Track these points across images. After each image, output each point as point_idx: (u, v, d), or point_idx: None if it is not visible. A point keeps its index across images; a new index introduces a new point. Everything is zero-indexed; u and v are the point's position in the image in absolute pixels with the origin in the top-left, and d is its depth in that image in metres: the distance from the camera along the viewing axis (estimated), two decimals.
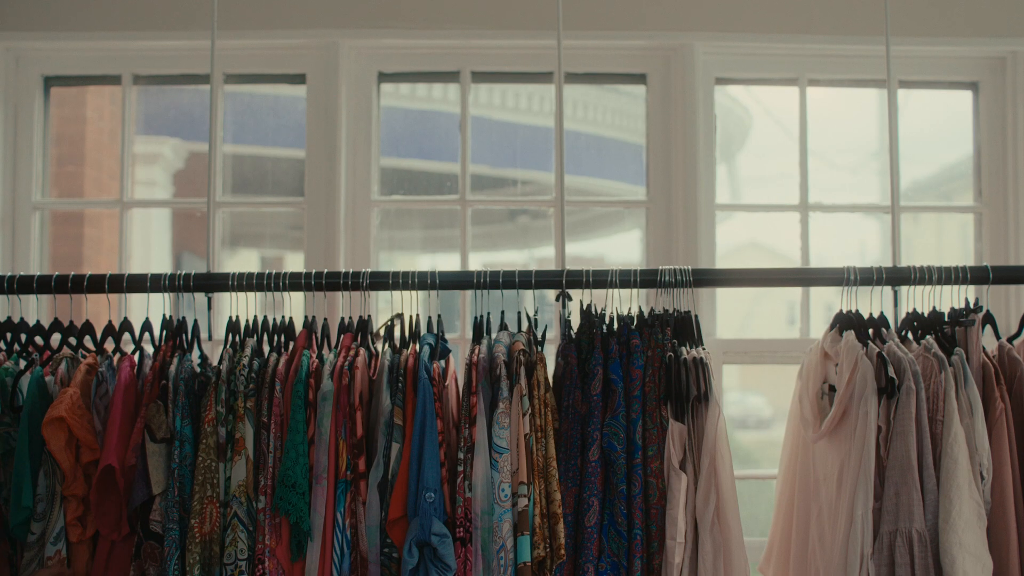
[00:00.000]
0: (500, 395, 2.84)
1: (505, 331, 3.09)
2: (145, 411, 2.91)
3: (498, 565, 2.74)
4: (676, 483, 2.84)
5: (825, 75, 4.31)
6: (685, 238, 4.12)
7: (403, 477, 2.77)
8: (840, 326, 3.12)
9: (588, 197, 5.42)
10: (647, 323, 3.03)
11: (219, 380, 2.91)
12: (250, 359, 2.95)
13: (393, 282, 3.07)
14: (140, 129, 4.50)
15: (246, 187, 5.03)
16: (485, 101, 4.23)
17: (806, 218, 4.18)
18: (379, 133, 4.26)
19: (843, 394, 2.95)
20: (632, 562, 2.84)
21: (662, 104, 4.25)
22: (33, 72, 4.24)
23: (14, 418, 2.94)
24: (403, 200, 4.51)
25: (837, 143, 4.40)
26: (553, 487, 2.81)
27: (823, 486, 3.04)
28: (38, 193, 4.24)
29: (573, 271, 3.07)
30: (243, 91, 4.79)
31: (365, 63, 4.24)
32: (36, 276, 3.16)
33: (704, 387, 2.92)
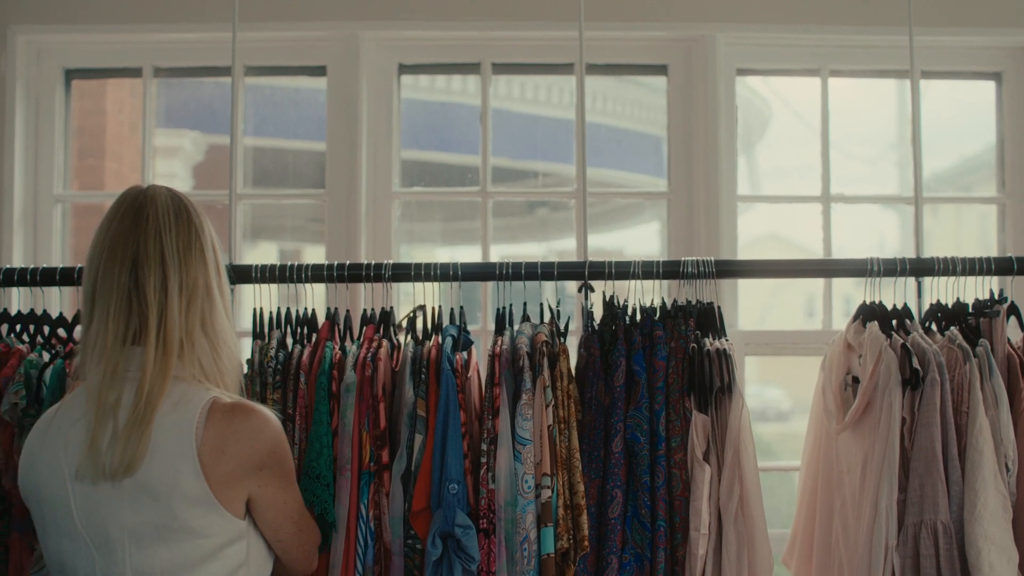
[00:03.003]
0: (523, 386, 2.83)
1: (528, 322, 3.08)
2: None
3: (521, 556, 2.74)
4: (700, 474, 2.83)
5: (847, 66, 4.29)
6: (707, 229, 4.10)
7: (426, 468, 2.77)
8: (863, 317, 3.10)
9: (608, 189, 5.41)
10: (670, 314, 3.02)
11: (252, 373, 2.92)
12: (276, 351, 2.96)
13: (415, 273, 3.07)
14: (160, 122, 4.50)
15: (266, 180, 5.03)
16: (504, 93, 4.22)
17: (828, 209, 4.17)
18: (399, 125, 4.26)
19: (867, 385, 2.94)
20: (656, 553, 2.84)
21: (683, 95, 4.23)
22: (54, 65, 4.25)
23: (39, 410, 2.94)
24: (424, 192, 4.51)
25: (855, 134, 4.37)
26: (576, 478, 2.80)
27: (846, 478, 3.03)
28: (59, 186, 4.25)
29: (595, 263, 3.07)
30: (263, 83, 4.79)
31: (385, 55, 4.23)
32: (59, 268, 3.17)
33: (728, 378, 2.91)
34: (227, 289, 2.28)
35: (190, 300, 2.16)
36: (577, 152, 4.09)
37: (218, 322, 2.20)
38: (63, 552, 2.12)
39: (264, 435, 2.16)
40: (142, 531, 2.05)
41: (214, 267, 2.23)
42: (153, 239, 2.16)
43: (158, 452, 2.05)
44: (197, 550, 2.07)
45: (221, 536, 2.10)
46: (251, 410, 2.16)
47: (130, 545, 2.06)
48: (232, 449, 2.10)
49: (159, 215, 2.18)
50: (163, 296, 2.14)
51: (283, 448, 2.22)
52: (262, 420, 2.17)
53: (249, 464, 2.12)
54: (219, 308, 2.21)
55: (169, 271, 2.15)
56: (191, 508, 2.06)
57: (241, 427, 2.12)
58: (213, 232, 2.27)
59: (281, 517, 2.24)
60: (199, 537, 2.07)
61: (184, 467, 2.05)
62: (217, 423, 2.10)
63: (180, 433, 2.06)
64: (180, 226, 2.19)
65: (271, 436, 2.18)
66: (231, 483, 2.10)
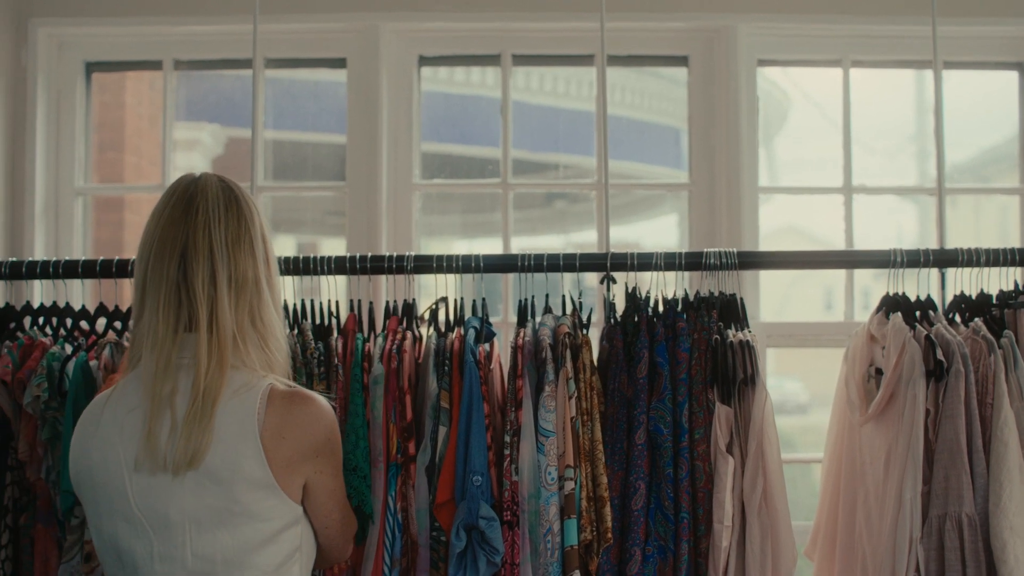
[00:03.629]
0: (546, 378, 2.82)
1: (550, 314, 3.08)
2: None
3: (545, 548, 2.74)
4: (723, 466, 2.83)
5: (869, 56, 4.27)
6: (728, 221, 4.09)
7: (450, 460, 2.77)
8: (887, 309, 3.09)
9: (629, 180, 5.40)
10: (692, 306, 3.01)
11: (297, 364, 2.92)
12: (314, 342, 2.97)
13: (437, 265, 3.07)
14: (179, 115, 4.51)
15: (286, 172, 5.03)
16: (523, 85, 4.22)
17: (850, 200, 4.15)
18: (420, 117, 4.25)
19: (890, 377, 2.92)
20: (679, 545, 2.83)
21: (704, 86, 4.22)
22: (75, 58, 4.25)
23: (61, 403, 2.95)
24: (444, 184, 4.51)
25: (873, 126, 4.36)
26: (599, 470, 2.80)
27: (870, 470, 3.02)
28: (80, 179, 4.26)
29: (617, 254, 3.06)
30: (283, 76, 4.79)
31: (406, 47, 4.23)
32: (81, 261, 3.18)
33: (751, 370, 2.90)
34: (276, 281, 2.28)
35: (239, 293, 2.16)
36: (598, 144, 4.09)
37: (266, 314, 2.20)
38: (119, 536, 2.12)
39: (321, 422, 2.18)
40: (203, 515, 2.06)
41: (263, 259, 2.22)
42: (202, 231, 2.15)
43: (221, 438, 2.06)
44: (257, 534, 2.08)
45: (280, 520, 2.11)
46: (308, 397, 2.18)
47: (190, 529, 2.07)
48: (291, 435, 2.11)
49: (209, 207, 2.17)
50: (212, 289, 2.14)
51: (337, 436, 2.24)
52: (319, 407, 2.18)
53: (307, 450, 2.14)
54: (267, 300, 2.21)
55: (218, 264, 2.15)
56: (253, 492, 2.07)
57: (300, 413, 2.14)
58: (264, 222, 2.26)
59: (332, 504, 2.25)
60: (260, 521, 2.08)
61: (247, 451, 2.06)
62: (277, 409, 2.11)
63: (243, 418, 2.08)
64: (230, 218, 2.18)
65: (327, 423, 2.19)
66: (290, 468, 2.11)
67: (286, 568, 2.14)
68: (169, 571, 2.09)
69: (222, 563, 2.07)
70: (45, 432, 2.94)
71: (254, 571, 2.09)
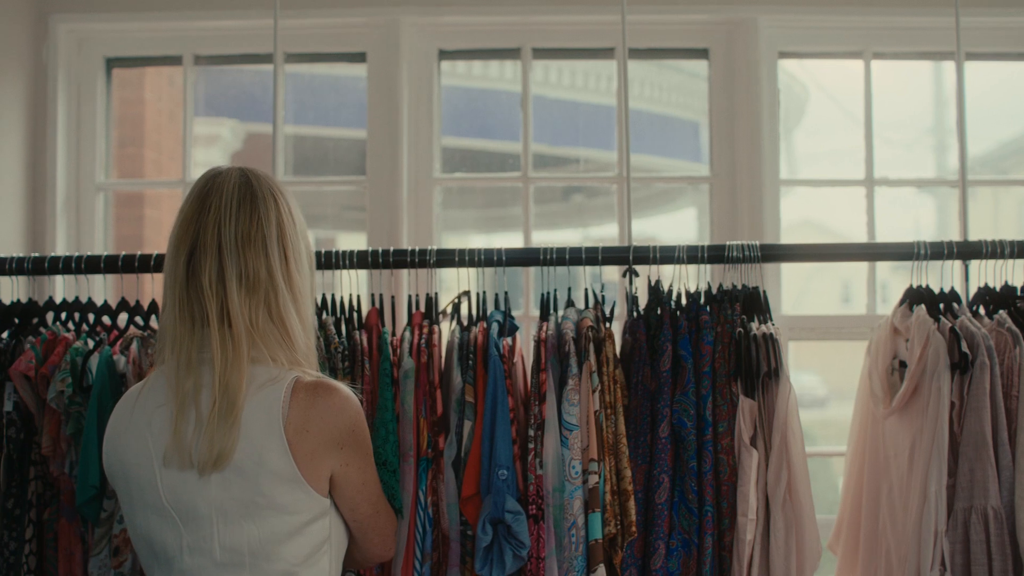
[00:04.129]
0: (569, 372, 2.82)
1: (572, 308, 3.08)
2: None
3: (569, 542, 2.73)
4: (747, 459, 2.82)
5: (890, 48, 4.25)
6: (750, 214, 4.08)
7: (475, 455, 2.77)
8: (910, 301, 3.08)
9: (650, 174, 5.39)
10: (716, 299, 3.00)
11: (322, 357, 2.92)
12: (337, 336, 2.97)
13: (459, 259, 3.07)
14: (199, 110, 4.52)
15: (307, 167, 5.05)
16: (541, 79, 4.22)
17: (872, 193, 4.13)
18: (440, 111, 4.25)
19: (915, 370, 2.91)
20: (703, 539, 2.83)
21: (725, 79, 4.21)
22: (95, 54, 4.26)
23: (85, 397, 2.95)
24: (465, 177, 4.51)
25: (891, 119, 4.35)
26: (623, 464, 2.79)
27: (893, 463, 3.01)
28: (101, 174, 4.27)
29: (640, 247, 3.05)
30: (303, 72, 4.80)
31: (426, 40, 4.23)
32: (103, 256, 3.18)
33: (775, 363, 2.89)
34: (301, 277, 2.25)
35: (251, 290, 2.15)
36: (619, 136, 4.08)
37: (285, 311, 2.18)
38: (151, 528, 2.13)
39: (345, 414, 2.17)
40: (230, 508, 2.07)
41: (279, 256, 2.19)
42: (212, 229, 2.15)
43: (246, 432, 2.06)
44: (283, 526, 2.09)
45: (306, 513, 2.11)
46: (333, 388, 2.17)
47: (218, 521, 2.07)
48: (315, 427, 2.11)
49: (222, 204, 2.17)
50: (221, 287, 2.13)
51: (363, 428, 2.23)
52: (343, 398, 2.17)
53: (331, 442, 2.14)
54: (285, 298, 2.18)
55: (226, 261, 2.14)
56: (278, 485, 2.07)
57: (323, 405, 2.13)
58: (289, 219, 2.24)
59: (360, 498, 2.25)
60: (285, 513, 2.09)
61: (271, 444, 2.06)
62: (301, 401, 2.11)
63: (267, 412, 2.08)
64: (242, 215, 2.17)
65: (352, 415, 2.18)
66: (315, 460, 2.11)
67: (314, 559, 2.15)
68: (199, 563, 2.10)
69: (249, 554, 2.08)
70: (69, 427, 2.95)
71: (281, 563, 2.10)
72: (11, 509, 3.03)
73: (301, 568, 2.12)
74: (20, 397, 3.02)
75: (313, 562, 2.15)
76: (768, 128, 4.13)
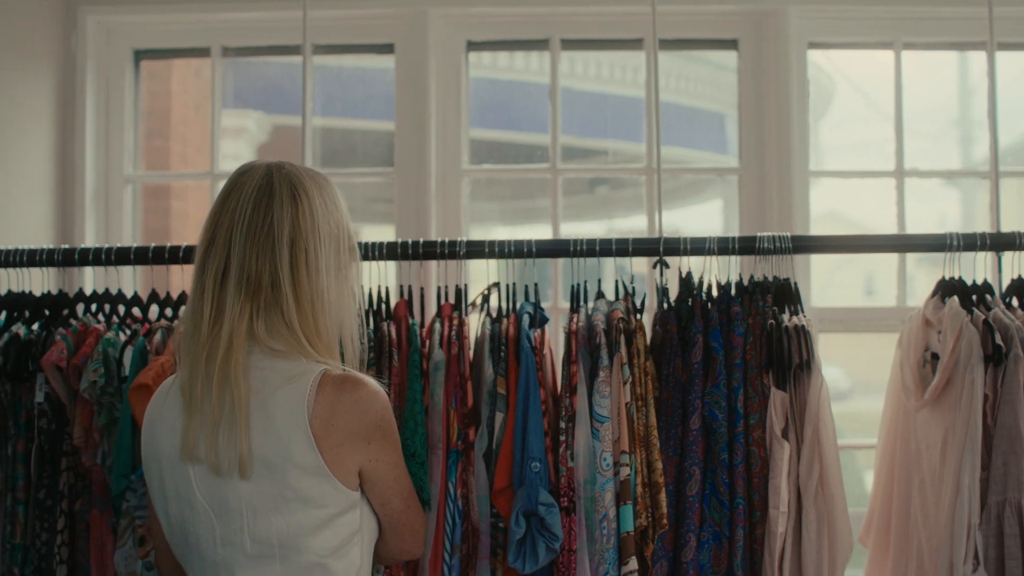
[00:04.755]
0: (600, 364, 2.81)
1: (603, 299, 3.07)
2: None
3: (600, 534, 2.73)
4: (779, 452, 2.81)
5: (920, 38, 4.22)
6: (779, 205, 4.06)
7: (507, 447, 2.76)
8: (942, 293, 3.06)
9: (678, 165, 5.38)
10: (747, 290, 2.99)
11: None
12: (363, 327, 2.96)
13: (489, 250, 3.06)
14: (226, 102, 4.52)
15: (335, 159, 5.05)
16: (567, 71, 4.21)
17: (902, 184, 4.11)
18: (468, 102, 4.24)
19: (947, 362, 2.90)
20: (734, 531, 2.82)
21: (754, 70, 4.19)
22: (124, 46, 4.27)
23: (118, 388, 2.96)
24: (493, 169, 4.50)
25: (917, 110, 4.31)
26: (655, 456, 2.78)
27: (925, 455, 2.99)
28: (129, 166, 4.28)
29: (670, 238, 3.04)
30: (331, 64, 4.80)
31: (454, 32, 4.22)
32: (133, 248, 3.19)
33: (806, 355, 2.87)
34: (311, 279, 2.18)
35: (253, 293, 2.12)
36: (648, 127, 4.07)
37: (288, 315, 2.14)
38: (185, 520, 2.14)
39: (372, 408, 2.15)
40: (259, 501, 2.06)
41: (288, 259, 2.15)
42: (225, 230, 2.14)
43: (274, 425, 2.06)
44: (312, 519, 2.08)
45: (335, 506, 2.11)
46: (359, 382, 2.14)
47: (247, 514, 2.07)
48: (341, 421, 2.10)
49: (238, 205, 2.15)
50: (220, 287, 2.12)
51: (390, 423, 2.21)
52: (370, 393, 2.15)
53: (357, 436, 2.12)
54: (289, 302, 2.14)
55: (231, 262, 2.13)
56: (305, 479, 2.06)
57: (348, 399, 2.11)
58: (309, 218, 2.19)
59: (391, 492, 2.23)
60: (314, 507, 2.08)
61: (297, 439, 2.06)
62: (327, 395, 2.09)
63: (294, 406, 2.07)
64: (255, 216, 2.14)
65: (378, 409, 2.16)
66: (342, 454, 2.10)
67: (344, 551, 2.14)
68: (231, 555, 2.10)
69: (279, 547, 2.08)
70: (102, 418, 2.96)
71: (310, 554, 2.09)
72: (43, 500, 3.05)
73: (331, 560, 2.12)
74: (51, 388, 3.03)
75: (343, 554, 2.14)
76: (798, 119, 4.10)
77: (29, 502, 3.06)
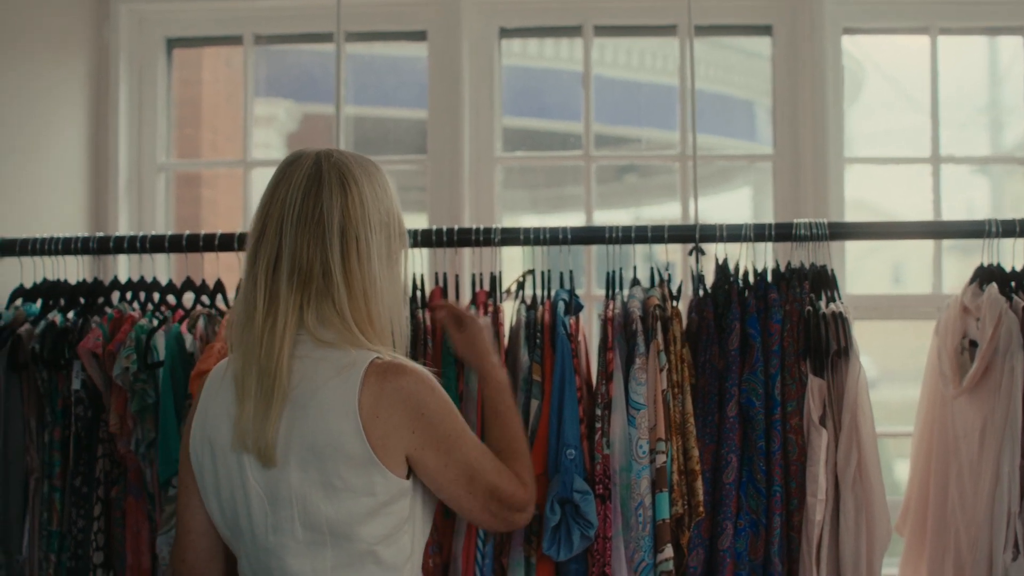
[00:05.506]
0: (636, 351, 2.80)
1: (639, 286, 3.06)
2: None
3: (636, 522, 2.72)
4: (817, 439, 2.79)
5: (957, 23, 4.17)
6: (814, 192, 4.03)
7: (543, 434, 2.76)
8: (980, 280, 3.03)
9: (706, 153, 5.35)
10: (784, 277, 2.98)
11: None
12: None
13: (524, 237, 3.06)
14: (257, 91, 4.51)
15: (367, 148, 5.04)
16: (597, 58, 4.18)
17: (937, 171, 4.07)
18: (500, 89, 4.22)
19: (986, 349, 2.87)
20: (771, 519, 2.81)
21: (788, 56, 4.15)
22: (156, 34, 4.27)
23: (150, 374, 2.97)
24: (527, 156, 4.49)
25: (944, 97, 4.25)
26: (691, 443, 2.77)
27: (963, 443, 2.97)
28: (162, 155, 4.28)
29: (706, 225, 3.03)
30: (362, 52, 4.79)
31: (486, 19, 4.19)
32: (168, 236, 3.21)
33: (844, 342, 2.86)
34: (363, 267, 2.15)
35: (304, 283, 2.12)
36: (682, 114, 4.05)
37: (340, 304, 2.12)
38: (237, 504, 2.13)
39: (413, 396, 2.12)
40: (308, 490, 2.06)
41: (339, 248, 2.13)
42: (276, 221, 2.13)
43: (324, 415, 2.05)
44: (361, 507, 2.07)
45: (384, 494, 2.09)
46: (401, 371, 2.12)
47: (297, 503, 2.07)
48: (384, 411, 2.08)
49: (288, 195, 2.14)
50: (272, 278, 2.12)
51: (433, 408, 2.16)
52: (411, 380, 2.13)
53: (400, 426, 2.10)
54: (341, 291, 2.12)
55: (282, 253, 2.12)
56: (354, 468, 2.06)
57: (390, 388, 2.09)
58: (358, 206, 2.16)
59: (443, 480, 2.19)
60: (363, 495, 2.07)
61: (346, 429, 2.05)
62: (372, 385, 2.08)
63: (344, 396, 2.06)
64: (305, 206, 2.13)
65: (420, 397, 2.13)
66: (388, 444, 2.09)
67: (394, 539, 2.13)
68: (282, 542, 2.10)
69: (330, 534, 2.08)
70: (134, 404, 2.97)
71: (360, 543, 2.09)
72: (79, 487, 3.07)
73: (380, 547, 2.11)
74: (87, 375, 3.05)
75: (392, 541, 2.13)
76: (833, 105, 4.07)
77: (65, 489, 3.07)
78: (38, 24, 3.75)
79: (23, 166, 3.61)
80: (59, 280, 3.28)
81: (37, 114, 3.71)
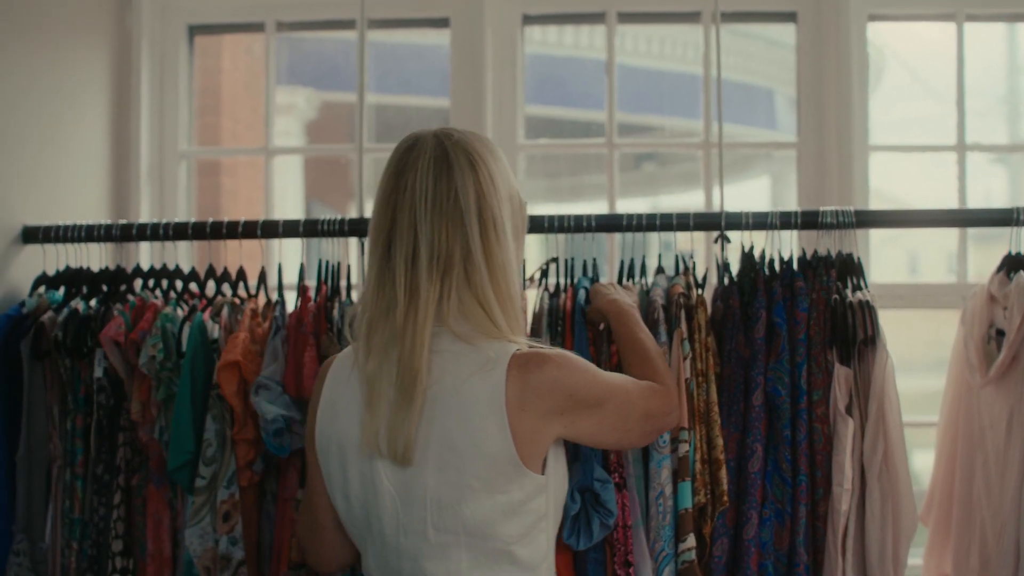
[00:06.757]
0: (659, 339, 2.78)
1: (662, 274, 3.04)
2: (317, 343, 2.92)
3: (657, 512, 2.70)
4: (843, 429, 2.78)
5: (984, 9, 4.13)
6: (839, 180, 4.00)
7: None
8: (1008, 268, 3.02)
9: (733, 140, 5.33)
10: (810, 265, 2.96)
11: None
12: None
13: (548, 225, 3.05)
14: (277, 79, 4.50)
15: (390, 136, 5.03)
16: (618, 46, 4.16)
17: (963, 158, 4.04)
18: (523, 77, 4.21)
19: (1014, 338, 2.86)
20: (797, 509, 2.79)
21: (813, 43, 4.12)
22: (178, 22, 4.26)
23: (177, 363, 2.97)
24: (550, 144, 4.46)
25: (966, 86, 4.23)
26: (715, 432, 2.75)
27: (989, 433, 2.96)
28: (184, 142, 4.28)
29: (732, 213, 3.02)
30: (384, 40, 4.78)
31: (509, 5, 4.17)
32: (191, 223, 3.20)
33: (871, 330, 2.84)
34: (500, 247, 2.10)
35: (446, 271, 2.05)
36: (706, 101, 4.03)
37: (483, 288, 2.07)
38: (368, 503, 2.10)
39: (560, 383, 2.08)
40: (444, 491, 2.02)
41: (478, 229, 2.06)
42: (408, 211, 2.06)
43: (466, 414, 2.01)
44: (499, 507, 2.03)
45: (521, 493, 2.05)
46: (543, 360, 2.08)
47: (431, 504, 2.03)
48: (530, 404, 2.04)
49: (416, 183, 2.06)
50: (412, 269, 2.05)
51: (584, 387, 2.13)
52: (557, 366, 2.09)
53: (550, 413, 2.07)
54: (483, 273, 2.07)
55: (420, 242, 2.05)
56: (494, 467, 2.02)
57: (534, 380, 2.05)
58: (490, 184, 2.11)
59: (601, 437, 2.25)
60: (501, 494, 2.03)
61: (490, 427, 2.01)
62: (515, 378, 2.03)
63: (489, 393, 2.02)
64: (438, 192, 2.05)
65: (568, 382, 2.09)
66: (535, 437, 2.05)
67: (531, 537, 2.10)
68: (414, 543, 2.07)
69: (465, 534, 2.04)
70: (160, 392, 2.96)
71: (497, 541, 2.06)
72: (100, 475, 3.07)
73: (517, 546, 2.07)
74: (110, 363, 3.04)
75: (529, 540, 2.10)
76: (858, 92, 4.04)
77: (87, 477, 3.08)
78: (61, 10, 3.75)
79: (46, 152, 3.60)
80: (81, 267, 3.28)
81: (59, 100, 3.70)
